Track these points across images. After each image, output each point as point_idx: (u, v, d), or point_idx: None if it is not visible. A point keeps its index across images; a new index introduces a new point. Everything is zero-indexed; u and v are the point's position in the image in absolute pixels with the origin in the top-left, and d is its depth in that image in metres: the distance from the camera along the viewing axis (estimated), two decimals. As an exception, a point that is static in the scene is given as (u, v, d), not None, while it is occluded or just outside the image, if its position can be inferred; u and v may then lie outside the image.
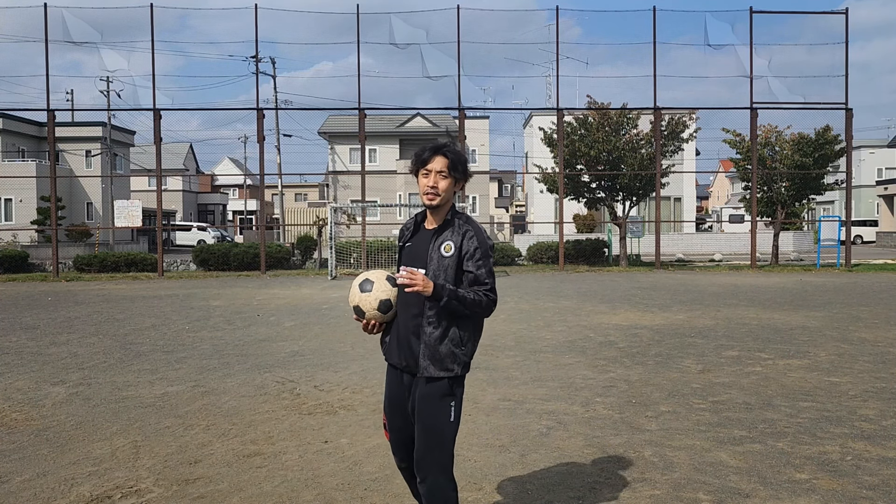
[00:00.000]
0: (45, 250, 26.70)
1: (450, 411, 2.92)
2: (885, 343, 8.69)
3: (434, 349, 2.90)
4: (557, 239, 23.62)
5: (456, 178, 2.96)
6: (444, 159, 2.93)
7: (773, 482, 4.12)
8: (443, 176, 2.93)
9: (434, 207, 2.98)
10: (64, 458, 4.66)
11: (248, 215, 63.16)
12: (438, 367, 2.90)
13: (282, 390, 6.46)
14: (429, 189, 2.93)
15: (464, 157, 2.99)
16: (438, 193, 2.93)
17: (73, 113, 43.58)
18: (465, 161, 3.00)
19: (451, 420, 2.93)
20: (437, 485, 2.92)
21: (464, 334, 2.93)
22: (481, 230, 2.97)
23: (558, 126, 22.96)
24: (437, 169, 2.93)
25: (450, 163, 2.93)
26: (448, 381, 2.92)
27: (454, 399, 2.93)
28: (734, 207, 50.38)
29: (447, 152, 2.95)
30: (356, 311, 3.02)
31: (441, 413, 2.91)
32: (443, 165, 2.93)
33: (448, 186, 2.95)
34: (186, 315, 12.01)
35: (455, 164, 2.94)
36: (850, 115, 22.51)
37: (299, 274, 21.98)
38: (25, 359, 8.17)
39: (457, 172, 2.95)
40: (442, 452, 2.92)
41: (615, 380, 6.77)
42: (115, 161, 40.34)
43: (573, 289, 16.08)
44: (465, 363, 2.94)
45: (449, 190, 2.95)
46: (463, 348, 2.93)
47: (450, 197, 2.98)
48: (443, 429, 2.92)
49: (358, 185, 26.97)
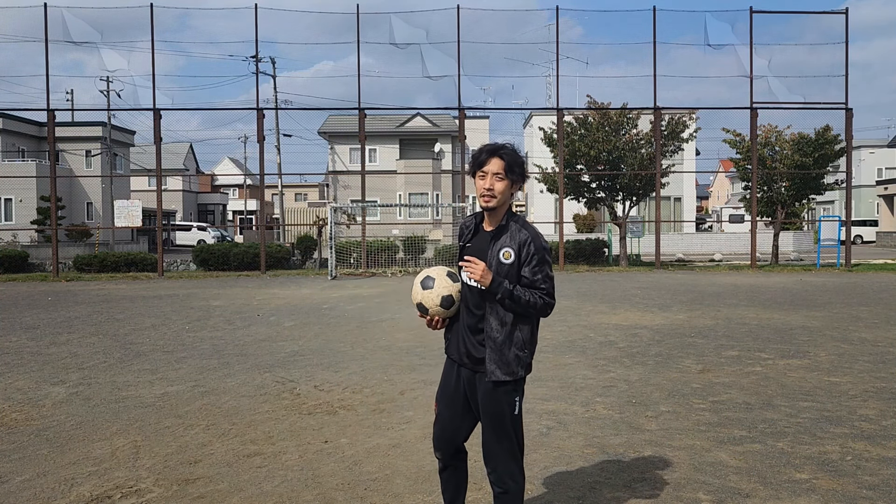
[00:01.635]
0: (45, 250, 26.70)
1: (515, 405, 3.02)
2: (885, 343, 8.69)
3: (500, 353, 2.97)
4: (557, 239, 23.61)
5: (513, 181, 2.98)
6: (501, 161, 2.95)
7: (773, 482, 4.12)
8: (499, 178, 2.95)
9: (490, 209, 3.00)
10: (64, 458, 4.66)
11: (248, 215, 63.17)
12: (504, 370, 2.98)
13: (282, 390, 6.46)
14: (485, 191, 2.96)
15: (521, 159, 3.02)
16: (495, 195, 2.95)
17: (73, 113, 43.64)
18: (523, 163, 3.03)
19: (515, 413, 3.03)
20: (509, 471, 3.01)
21: (526, 337, 3.01)
22: (538, 235, 3.00)
23: (558, 126, 22.96)
24: (493, 171, 2.95)
25: (506, 165, 2.94)
26: (516, 381, 3.01)
27: (518, 394, 3.04)
28: (734, 207, 50.42)
29: (504, 154, 2.96)
30: (419, 308, 3.07)
31: (507, 406, 3.00)
32: (499, 167, 2.94)
33: (504, 188, 2.96)
34: (186, 315, 12.01)
35: (512, 166, 2.95)
36: (850, 115, 22.50)
37: (299, 274, 21.98)
38: (25, 359, 8.17)
39: (513, 174, 2.97)
40: (511, 442, 3.02)
41: (615, 380, 6.77)
42: (115, 161, 40.34)
43: (573, 289, 16.08)
44: (527, 364, 3.03)
45: (505, 192, 2.97)
46: (526, 350, 3.01)
47: (506, 199, 3.00)
48: (509, 420, 3.01)
49: (358, 185, 26.97)
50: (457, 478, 3.27)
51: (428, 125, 42.70)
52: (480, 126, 44.28)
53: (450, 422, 3.16)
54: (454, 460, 3.23)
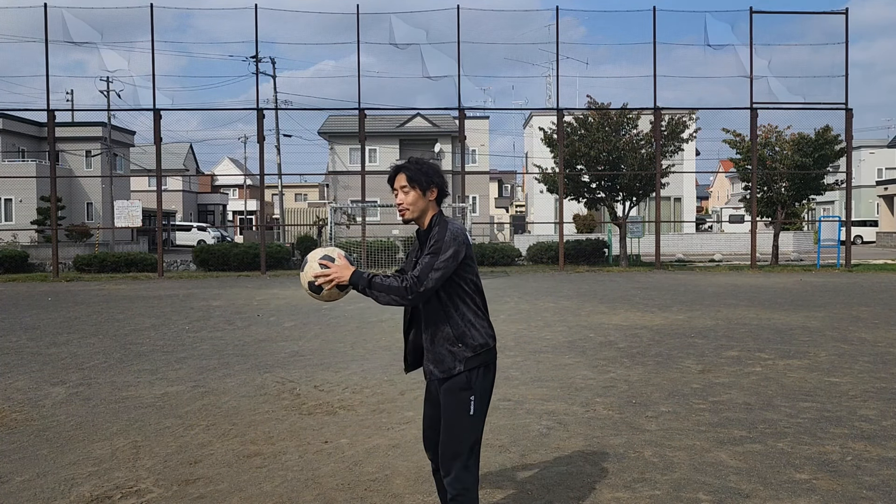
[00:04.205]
0: (45, 250, 26.69)
1: (469, 405, 2.96)
2: (885, 343, 8.69)
3: (434, 352, 2.99)
4: (557, 239, 23.62)
5: (422, 188, 3.00)
6: (404, 174, 3.02)
7: (773, 482, 4.12)
8: (405, 190, 3.01)
9: (409, 221, 3.06)
10: (64, 458, 4.66)
11: (248, 215, 63.13)
12: (440, 368, 2.98)
13: (282, 390, 6.46)
14: (398, 206, 3.04)
15: (426, 167, 3.04)
16: (407, 208, 3.01)
17: (73, 113, 43.57)
18: (429, 171, 3.03)
19: (470, 413, 2.96)
20: (460, 475, 2.96)
21: (456, 333, 2.96)
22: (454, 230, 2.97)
23: (558, 126, 22.95)
24: (399, 185, 3.03)
25: (408, 177, 3.00)
26: (464, 376, 2.95)
27: (473, 393, 2.97)
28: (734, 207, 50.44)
29: (405, 168, 3.04)
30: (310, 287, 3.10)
31: (460, 407, 2.96)
32: (404, 181, 3.02)
33: (415, 198, 3.00)
34: (186, 315, 12.01)
35: (415, 175, 3.00)
36: (850, 116, 22.50)
37: (299, 274, 21.95)
38: (25, 359, 8.17)
39: (418, 183, 3.00)
40: (461, 445, 2.96)
41: (615, 380, 6.77)
42: (115, 161, 40.33)
43: (573, 289, 16.08)
44: (466, 358, 2.95)
45: (417, 201, 3.01)
46: (460, 345, 2.95)
47: (423, 208, 3.03)
48: (462, 422, 2.96)
49: (358, 185, 26.97)
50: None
51: (428, 125, 42.68)
52: (480, 126, 44.24)
53: (431, 417, 3.17)
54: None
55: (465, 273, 2.99)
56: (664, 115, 23.27)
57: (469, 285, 3.01)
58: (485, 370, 3.01)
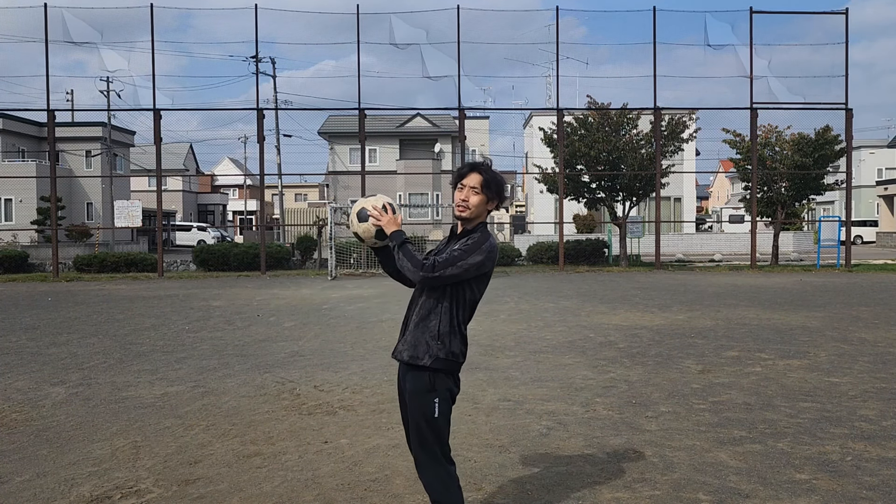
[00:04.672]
0: (45, 250, 26.69)
1: (434, 407, 2.99)
2: (885, 343, 8.69)
3: (412, 335, 3.04)
4: (557, 239, 23.61)
5: (488, 197, 3.07)
6: (479, 176, 3.07)
7: (773, 482, 4.12)
8: (475, 192, 3.05)
9: (463, 220, 3.10)
10: (64, 458, 4.66)
11: (248, 215, 63.13)
12: (410, 352, 3.01)
13: (282, 390, 6.46)
14: (461, 202, 3.07)
15: (500, 180, 3.11)
16: (468, 207, 3.05)
17: (73, 113, 43.53)
18: (501, 183, 3.11)
19: (435, 416, 2.99)
20: (436, 478, 3.02)
21: (443, 329, 3.00)
22: (485, 239, 3.02)
23: (558, 126, 22.95)
24: (470, 184, 3.06)
25: (483, 180, 3.06)
26: (428, 376, 2.98)
27: (437, 395, 2.99)
28: (734, 207, 50.42)
29: (483, 171, 3.08)
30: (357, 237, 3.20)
31: (425, 409, 2.99)
32: (476, 182, 3.06)
33: (479, 202, 3.06)
34: (186, 315, 12.01)
35: (488, 182, 3.06)
36: (850, 116, 22.50)
37: (299, 274, 21.98)
38: (25, 359, 8.17)
39: (489, 191, 3.06)
40: (432, 447, 3.01)
41: (615, 380, 6.77)
42: (115, 161, 40.33)
43: (573, 289, 16.08)
44: (436, 357, 2.97)
45: (479, 206, 3.06)
46: (438, 342, 2.98)
47: (480, 213, 3.09)
48: (430, 424, 3.00)
49: (358, 185, 26.96)
50: None
51: (428, 125, 42.69)
52: (480, 126, 44.29)
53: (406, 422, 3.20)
54: None
55: (477, 285, 3.08)
56: (664, 115, 23.27)
57: (471, 297, 3.08)
58: (448, 377, 3.04)
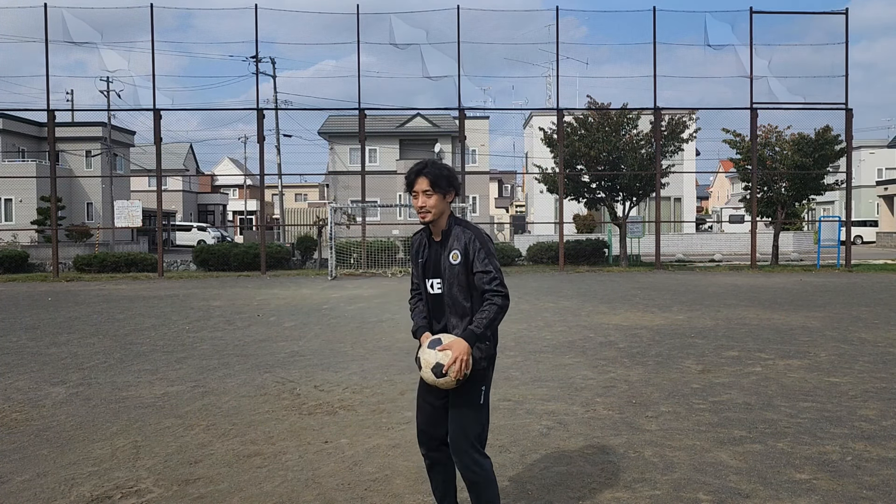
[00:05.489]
0: (45, 250, 26.70)
1: (480, 395, 3.17)
2: (885, 343, 8.69)
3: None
4: (557, 239, 23.61)
5: (443, 192, 3.16)
6: (426, 179, 3.14)
7: (773, 482, 4.12)
8: (428, 194, 3.15)
9: (429, 223, 3.20)
10: (64, 458, 4.66)
11: (248, 215, 63.13)
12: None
13: (282, 390, 6.46)
14: (420, 209, 3.17)
15: (446, 171, 3.19)
16: (429, 211, 3.15)
17: (73, 113, 43.54)
18: (448, 175, 3.19)
19: (480, 403, 3.17)
20: (473, 460, 3.13)
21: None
22: (480, 231, 3.19)
23: (558, 126, 22.95)
24: (421, 189, 3.15)
25: (431, 181, 3.14)
26: (482, 371, 3.16)
27: (485, 384, 3.19)
28: (734, 208, 50.39)
29: (427, 172, 3.16)
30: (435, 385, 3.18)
31: (473, 397, 3.15)
32: (426, 185, 3.14)
33: (436, 202, 3.15)
34: (186, 315, 12.01)
35: (436, 180, 3.14)
36: (849, 116, 22.50)
37: (299, 274, 21.98)
38: (25, 359, 8.17)
39: (440, 188, 3.14)
40: (474, 431, 3.15)
41: (615, 380, 6.77)
42: (114, 161, 40.33)
43: (573, 289, 16.08)
44: (489, 355, 3.18)
45: (438, 205, 3.16)
46: (486, 342, 3.14)
47: (442, 210, 3.18)
48: (475, 409, 3.16)
49: (358, 185, 26.97)
50: (445, 474, 3.33)
51: (428, 125, 42.67)
52: (480, 126, 44.23)
53: (432, 412, 3.26)
54: (439, 454, 3.30)
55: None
56: (664, 115, 23.27)
57: None
58: (491, 365, 3.23)
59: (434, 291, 3.22)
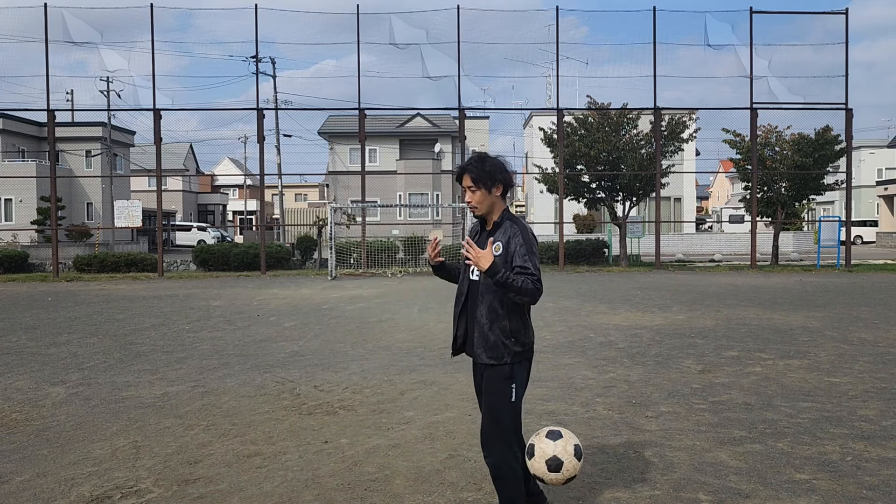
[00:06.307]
0: (45, 250, 26.70)
1: (511, 392, 3.22)
2: (885, 343, 8.69)
3: (485, 338, 3.24)
4: (557, 239, 23.61)
5: (488, 188, 3.25)
6: (469, 175, 3.26)
7: (773, 482, 4.12)
8: (472, 190, 3.26)
9: (480, 217, 3.34)
10: (64, 458, 4.66)
11: (248, 215, 63.14)
12: (489, 354, 3.23)
13: (282, 390, 6.46)
14: (468, 204, 3.31)
15: (489, 167, 3.26)
16: (475, 206, 3.28)
17: (73, 113, 43.50)
18: (491, 170, 3.25)
19: (511, 400, 3.22)
20: (503, 457, 3.20)
21: (514, 327, 3.24)
22: (527, 230, 3.28)
23: (558, 126, 22.95)
24: (466, 185, 3.28)
25: (473, 178, 3.24)
26: (509, 367, 3.22)
27: (514, 381, 3.24)
28: (734, 208, 50.39)
29: (470, 169, 3.26)
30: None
31: (503, 394, 3.21)
32: (469, 182, 3.26)
33: (482, 197, 3.26)
34: (186, 315, 12.01)
35: (479, 176, 3.23)
36: (849, 116, 22.50)
37: (299, 274, 21.98)
38: (25, 359, 8.17)
39: (484, 183, 3.24)
40: (506, 428, 3.21)
41: (615, 380, 6.77)
42: (114, 161, 40.33)
43: (573, 289, 16.08)
44: (514, 352, 3.24)
45: (484, 200, 3.27)
46: (512, 339, 3.22)
47: (490, 203, 3.29)
48: (506, 407, 3.21)
49: (358, 185, 26.97)
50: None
51: (428, 125, 42.65)
52: (480, 126, 44.26)
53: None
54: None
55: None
56: (664, 115, 23.27)
57: None
58: (526, 364, 3.32)
59: (473, 277, 3.33)
